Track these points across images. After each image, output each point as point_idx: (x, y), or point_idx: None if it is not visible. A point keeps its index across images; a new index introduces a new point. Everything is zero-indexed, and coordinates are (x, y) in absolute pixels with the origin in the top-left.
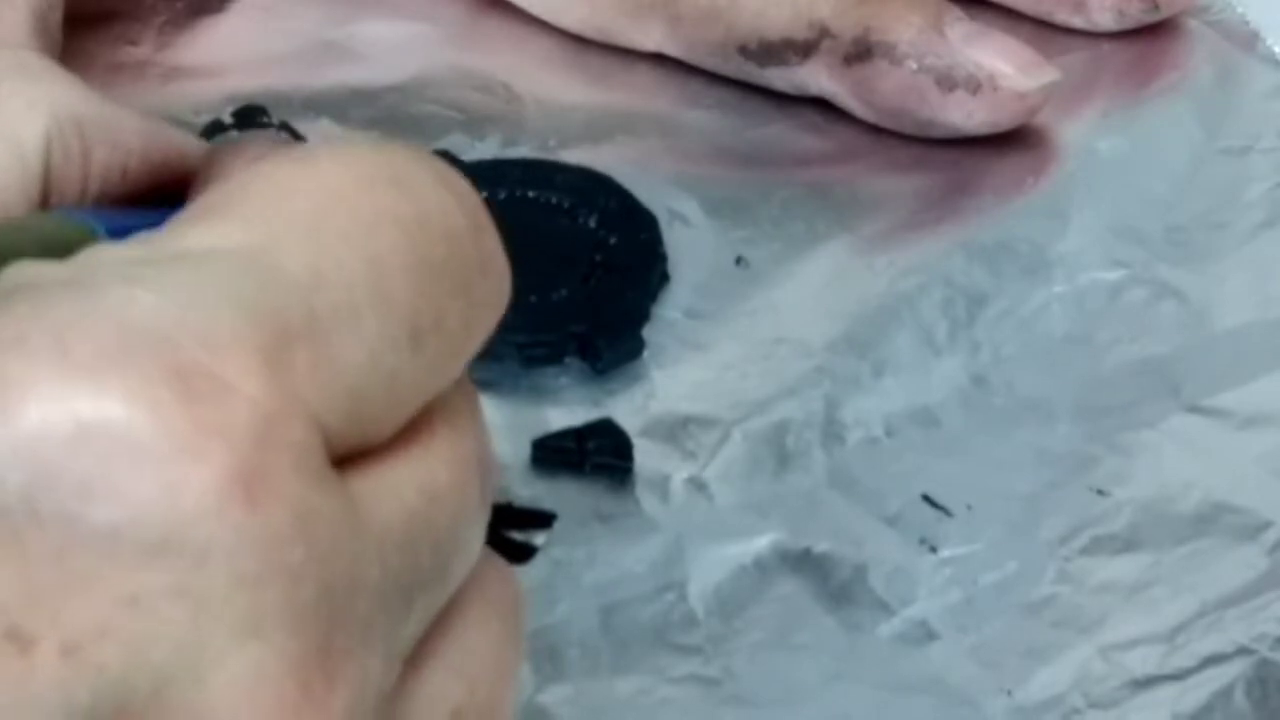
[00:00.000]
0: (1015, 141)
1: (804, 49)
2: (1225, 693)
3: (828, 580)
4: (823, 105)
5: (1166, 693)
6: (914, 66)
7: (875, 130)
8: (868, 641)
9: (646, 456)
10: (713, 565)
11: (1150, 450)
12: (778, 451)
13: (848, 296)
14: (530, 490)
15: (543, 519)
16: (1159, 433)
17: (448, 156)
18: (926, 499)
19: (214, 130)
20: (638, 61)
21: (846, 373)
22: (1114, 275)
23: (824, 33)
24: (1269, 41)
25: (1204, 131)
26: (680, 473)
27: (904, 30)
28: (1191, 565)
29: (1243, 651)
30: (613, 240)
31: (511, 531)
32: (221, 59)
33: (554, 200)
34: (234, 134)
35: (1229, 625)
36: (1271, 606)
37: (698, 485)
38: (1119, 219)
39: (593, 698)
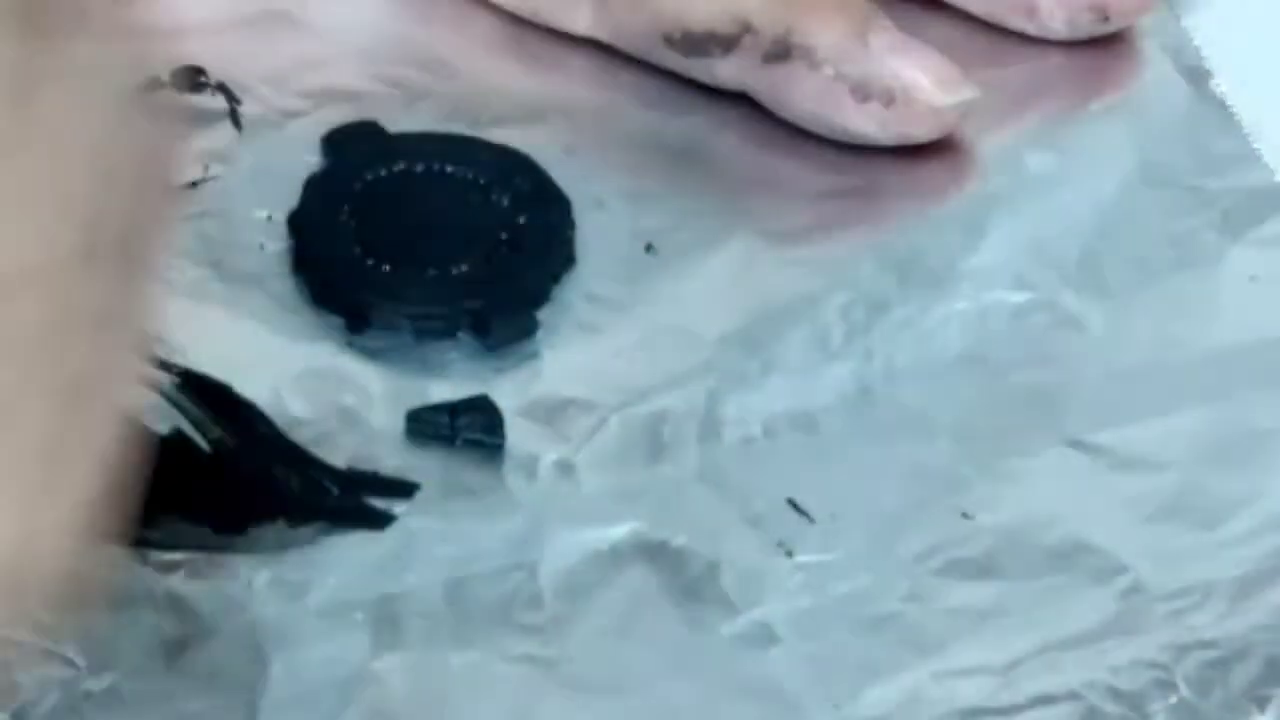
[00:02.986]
0: (940, 149)
1: (726, 43)
2: None
3: (679, 574)
4: (750, 101)
5: None
6: (830, 73)
7: (798, 129)
8: (708, 639)
9: (520, 436)
10: (567, 549)
11: (1022, 479)
12: (651, 441)
13: (750, 292)
14: (400, 460)
15: (404, 489)
16: (1035, 463)
17: (372, 127)
18: (791, 503)
19: (150, 88)
20: (577, 47)
21: (734, 368)
22: (1019, 297)
23: (747, 28)
24: (1218, 78)
25: (1137, 160)
26: (550, 455)
27: (825, 34)
28: (1041, 601)
29: (1073, 696)
30: (522, 220)
31: (372, 499)
32: (169, 21)
33: (470, 176)
34: (169, 92)
35: (1065, 667)
36: (1111, 653)
37: (566, 468)
38: (1035, 239)
39: (427, 669)
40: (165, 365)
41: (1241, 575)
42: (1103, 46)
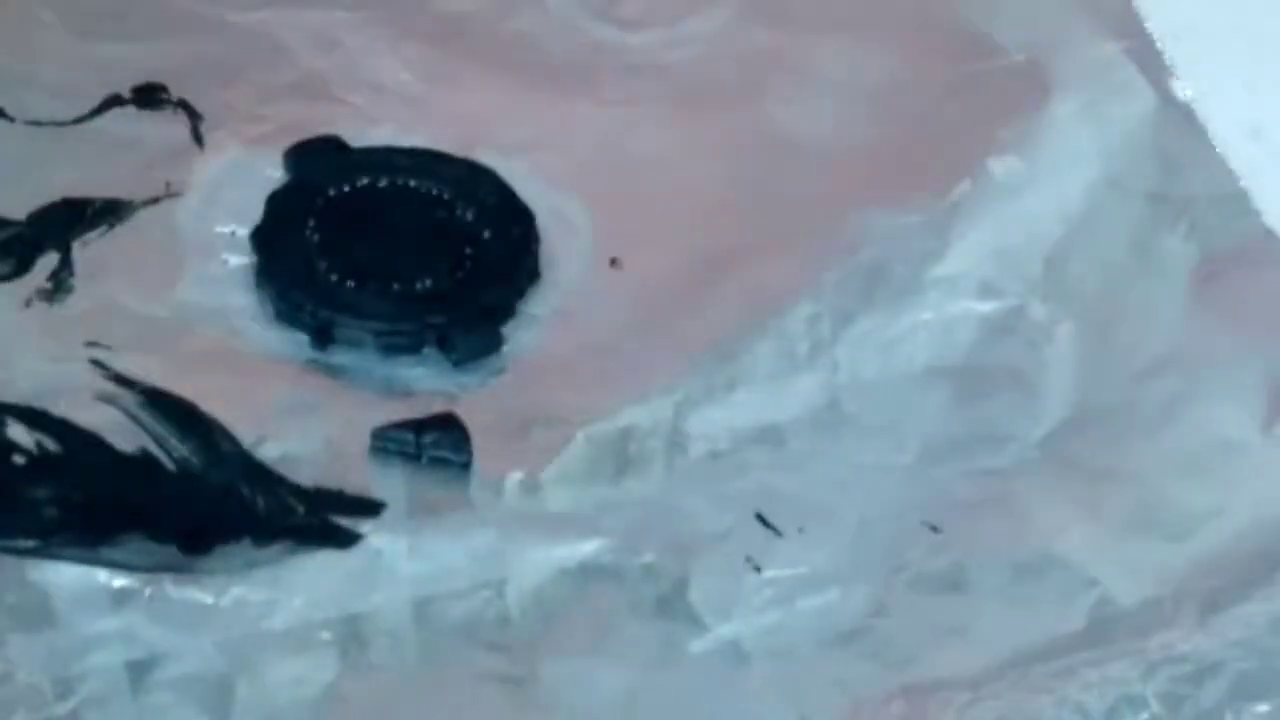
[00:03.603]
0: (904, 159)
1: None
2: None
3: (647, 591)
4: None
5: None
6: None
7: None
8: (677, 657)
9: (487, 453)
10: (535, 567)
11: (992, 491)
12: (618, 457)
13: (715, 305)
14: (364, 479)
15: (369, 507)
16: (1005, 475)
17: (334, 142)
18: (759, 518)
19: (111, 104)
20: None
21: (701, 382)
22: (986, 307)
23: None
24: (1183, 84)
25: (1102, 166)
26: (517, 472)
27: None
28: (1010, 614)
29: (1040, 715)
30: (487, 234)
31: (338, 518)
32: (138, 31)
33: (434, 191)
34: (131, 109)
35: (1035, 682)
36: (1080, 669)
37: (532, 486)
38: (1001, 248)
39: (393, 689)
40: (128, 383)
41: (1210, 589)
42: (1066, 49)
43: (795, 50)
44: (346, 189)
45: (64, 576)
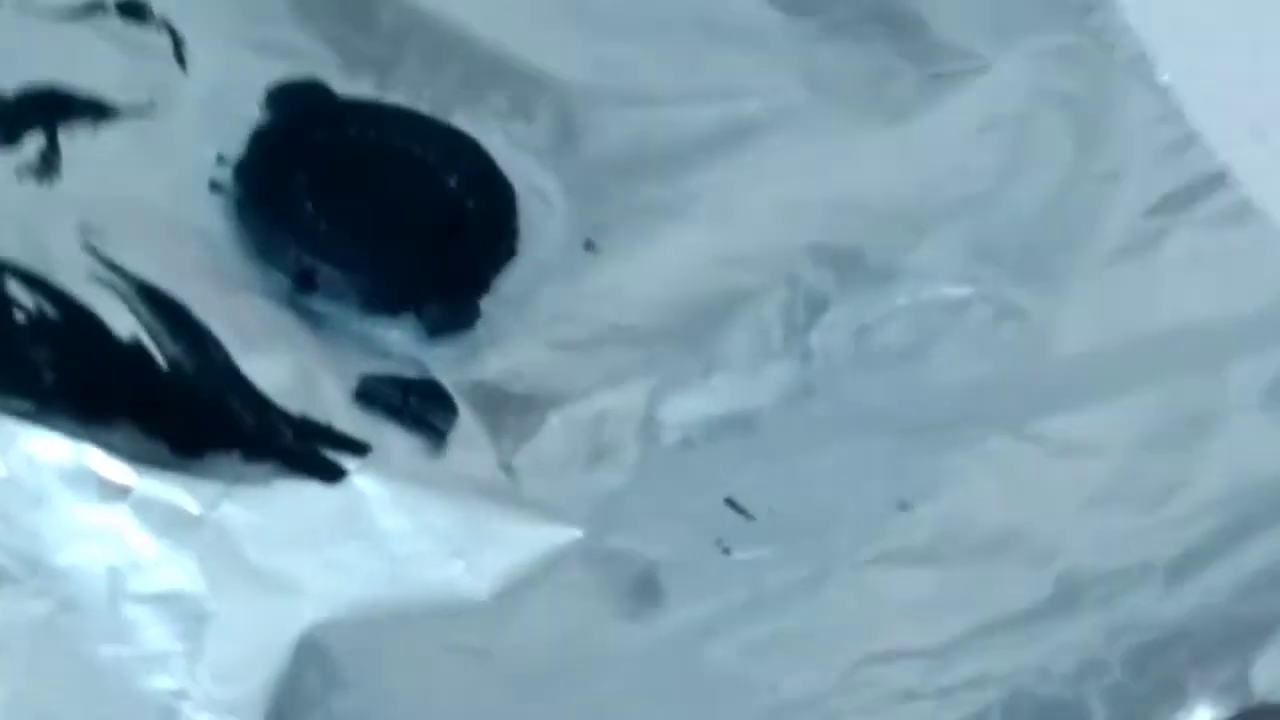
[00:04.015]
0: (881, 144)
1: None
2: (979, 717)
3: (617, 573)
4: None
5: (924, 708)
6: None
7: None
8: (645, 634)
9: (461, 427)
10: (505, 545)
11: (961, 470)
12: (591, 442)
13: (690, 290)
14: (344, 424)
15: (357, 447)
16: (973, 453)
17: (320, 88)
18: (730, 502)
19: (92, 9)
20: None
21: (674, 368)
22: (961, 292)
23: None
24: (1156, 66)
25: (1078, 151)
26: (490, 450)
27: None
28: (977, 586)
29: (1005, 678)
30: (469, 204)
31: (325, 451)
32: None
33: (418, 153)
34: (115, 19)
35: (999, 650)
36: (1043, 638)
37: (506, 465)
38: (977, 234)
39: (366, 642)
40: (123, 273)
41: (1177, 557)
42: (1037, 42)
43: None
44: (333, 139)
45: (55, 454)
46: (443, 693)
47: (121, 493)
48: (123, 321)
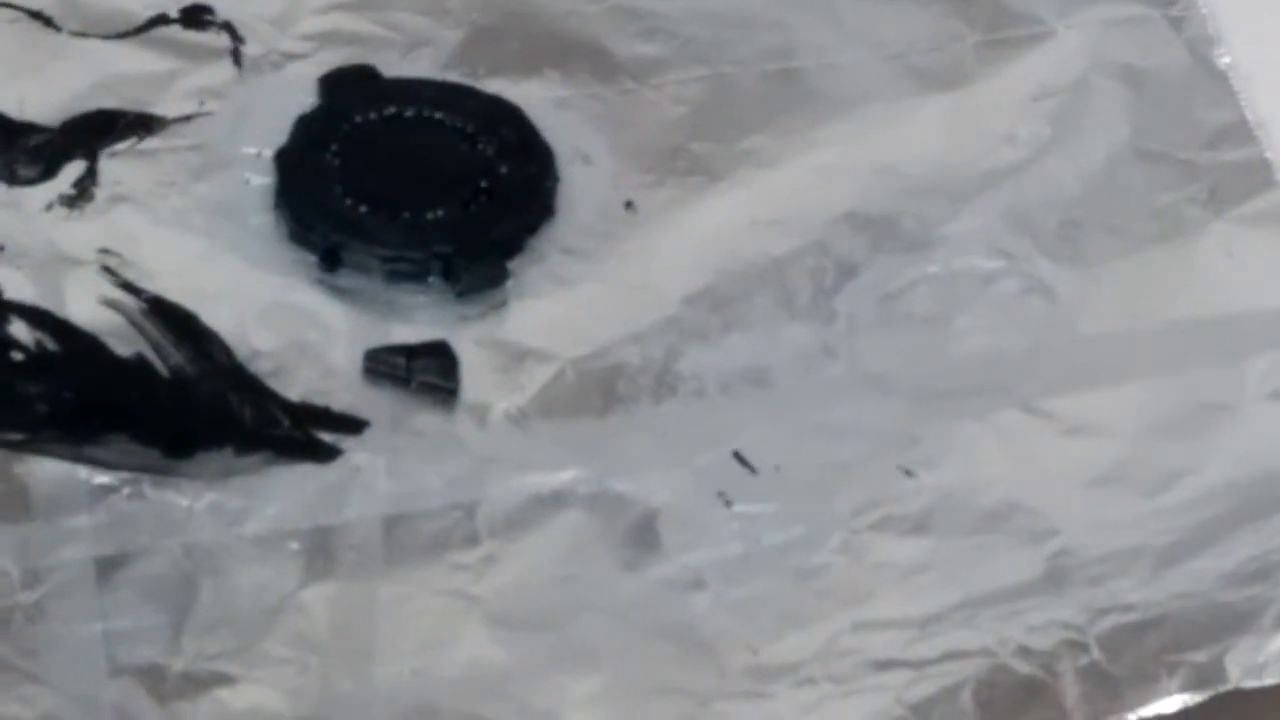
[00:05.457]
0: (931, 118)
1: None
2: (954, 689)
3: (617, 519)
4: None
5: (900, 678)
6: None
7: None
8: (635, 582)
9: (477, 382)
10: (509, 492)
11: (969, 440)
12: (606, 393)
13: (722, 252)
14: (354, 397)
15: (353, 424)
16: (983, 425)
17: (367, 72)
18: (736, 455)
19: (157, 22)
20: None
21: (696, 326)
22: (992, 264)
23: None
24: (1222, 51)
25: (1130, 130)
26: (504, 402)
27: None
28: (968, 559)
29: (984, 653)
30: (503, 169)
31: (322, 433)
32: None
33: (458, 124)
34: (176, 28)
35: (982, 623)
36: (1028, 613)
37: (517, 416)
38: (1016, 208)
39: (353, 600)
40: (134, 290)
41: (1170, 544)
42: (1105, 17)
43: (823, 6)
44: (373, 116)
45: (46, 471)
46: (424, 639)
47: (110, 494)
48: (126, 342)
